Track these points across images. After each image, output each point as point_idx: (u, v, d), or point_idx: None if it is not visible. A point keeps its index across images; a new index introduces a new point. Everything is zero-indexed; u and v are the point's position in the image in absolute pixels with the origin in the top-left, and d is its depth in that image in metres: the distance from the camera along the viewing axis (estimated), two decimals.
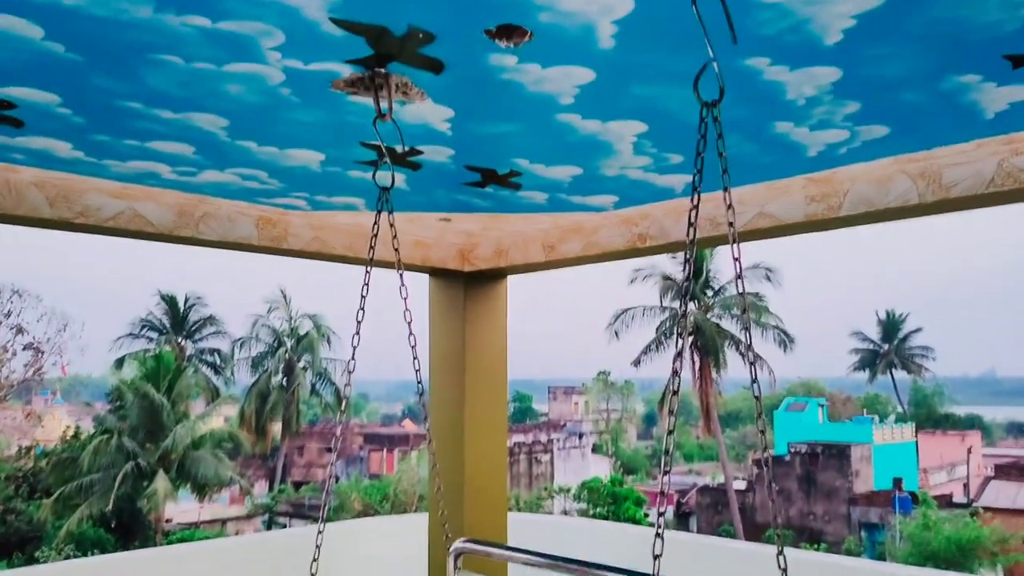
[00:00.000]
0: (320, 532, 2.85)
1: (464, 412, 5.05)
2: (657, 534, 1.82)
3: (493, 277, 5.35)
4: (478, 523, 4.87)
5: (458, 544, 3.01)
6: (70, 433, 27.74)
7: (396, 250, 2.77)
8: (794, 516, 34.43)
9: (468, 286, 5.27)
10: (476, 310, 5.28)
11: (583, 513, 31.44)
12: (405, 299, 2.71)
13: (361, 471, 44.27)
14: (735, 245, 2.05)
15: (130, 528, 24.81)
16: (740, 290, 2.04)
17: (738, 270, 1.99)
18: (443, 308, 5.38)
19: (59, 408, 41.31)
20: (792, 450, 36.03)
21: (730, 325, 33.93)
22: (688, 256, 1.86)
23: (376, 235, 2.67)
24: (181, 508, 30.33)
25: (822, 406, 47.42)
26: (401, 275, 2.86)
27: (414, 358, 2.75)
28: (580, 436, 46.14)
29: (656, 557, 1.87)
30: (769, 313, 34.90)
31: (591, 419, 65.70)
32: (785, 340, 33.67)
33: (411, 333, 2.68)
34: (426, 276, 5.49)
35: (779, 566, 2.17)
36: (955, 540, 25.10)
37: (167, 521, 27.66)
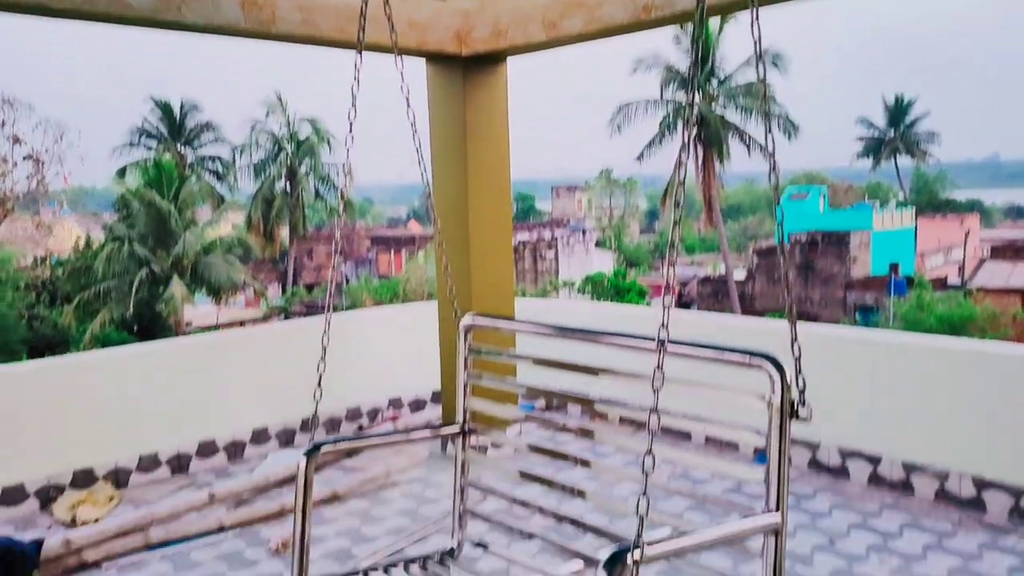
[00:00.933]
0: (329, 310, 2.93)
1: (468, 195, 5.06)
2: (667, 285, 1.85)
3: (492, 60, 5.17)
4: (486, 303, 5.02)
5: (467, 318, 3.08)
6: (82, 242, 28.13)
7: (388, 17, 2.63)
8: None
9: (467, 71, 5.12)
10: (476, 96, 5.16)
11: None
12: (401, 72, 2.61)
13: (370, 272, 45.33)
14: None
15: (151, 331, 25.74)
16: (757, 52, 1.95)
17: (756, 35, 1.89)
18: (442, 95, 5.25)
19: (67, 219, 41.61)
20: (792, 239, 36.48)
21: (735, 117, 33.27)
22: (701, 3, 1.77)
23: (366, 2, 2.53)
24: (199, 312, 31.32)
25: (824, 195, 47.52)
26: (396, 49, 2.74)
27: (414, 134, 2.69)
28: (583, 232, 46.63)
29: (666, 307, 1.91)
30: (775, 102, 34.09)
31: (594, 216, 66.26)
32: (790, 129, 33.12)
33: (408, 106, 2.61)
34: (423, 62, 5.31)
35: (791, 329, 2.25)
36: (947, 319, 25.99)
37: (187, 324, 28.63)
